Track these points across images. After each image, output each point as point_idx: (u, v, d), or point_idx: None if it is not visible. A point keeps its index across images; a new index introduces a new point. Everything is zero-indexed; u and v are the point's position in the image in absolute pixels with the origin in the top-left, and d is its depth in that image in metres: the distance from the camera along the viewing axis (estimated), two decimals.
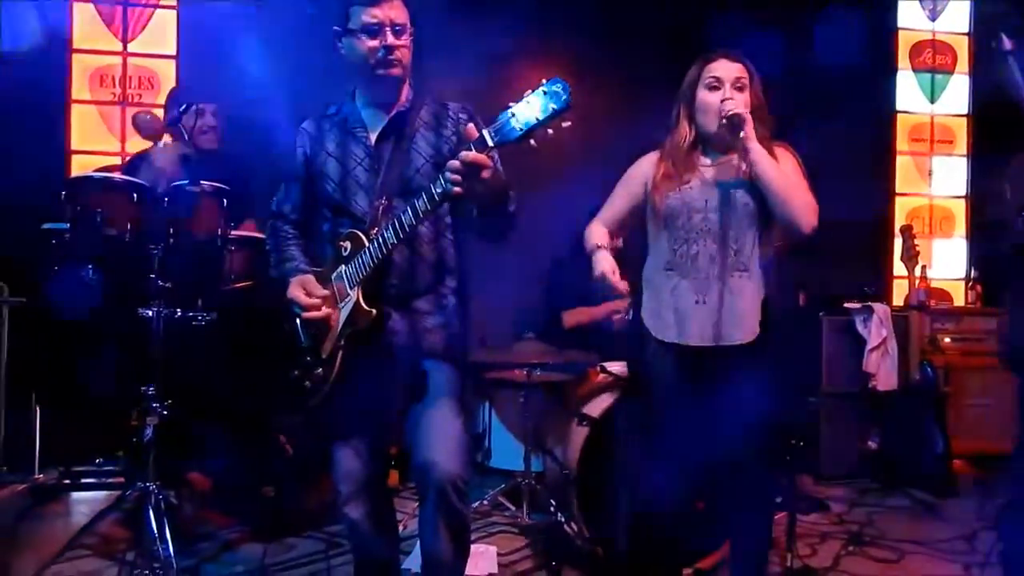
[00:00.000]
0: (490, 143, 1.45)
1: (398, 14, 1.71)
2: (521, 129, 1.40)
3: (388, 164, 1.76)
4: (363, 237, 1.70)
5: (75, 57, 3.87)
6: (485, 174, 1.47)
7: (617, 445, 2.47)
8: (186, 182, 2.33)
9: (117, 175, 2.50)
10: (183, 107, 2.38)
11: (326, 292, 1.76)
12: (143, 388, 2.41)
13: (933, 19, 4.75)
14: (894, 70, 4.73)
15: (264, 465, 3.01)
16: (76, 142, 3.87)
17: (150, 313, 2.38)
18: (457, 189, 1.47)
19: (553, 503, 2.87)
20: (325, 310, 1.74)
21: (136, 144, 3.70)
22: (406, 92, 1.83)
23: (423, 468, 1.72)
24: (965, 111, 4.79)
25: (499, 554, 2.71)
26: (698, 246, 1.98)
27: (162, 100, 3.90)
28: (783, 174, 1.94)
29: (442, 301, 1.81)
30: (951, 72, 4.77)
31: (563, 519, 2.78)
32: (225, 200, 2.44)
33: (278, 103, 3.65)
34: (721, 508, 2.17)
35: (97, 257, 2.39)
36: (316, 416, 1.86)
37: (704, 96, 2.00)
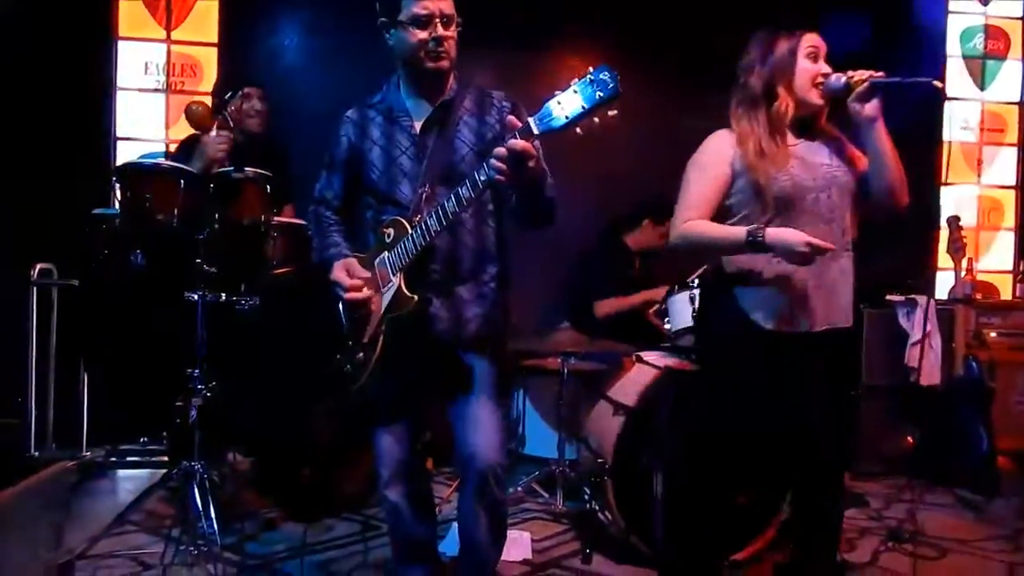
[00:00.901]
0: (535, 131, 1.45)
1: (447, 5, 1.72)
2: (567, 118, 1.40)
3: (432, 152, 1.77)
4: (406, 224, 1.72)
5: (120, 45, 3.95)
6: (530, 163, 1.47)
7: (672, 440, 2.42)
8: (231, 169, 2.37)
9: (165, 162, 2.55)
10: (229, 93, 2.41)
11: (368, 274, 1.78)
12: (188, 371, 2.48)
13: (985, 4, 4.59)
14: (944, 56, 4.59)
15: (303, 448, 3.07)
16: (122, 129, 3.96)
17: (195, 297, 2.43)
18: (500, 177, 1.47)
19: (587, 491, 2.88)
20: (367, 291, 1.77)
21: (179, 131, 3.79)
22: (451, 82, 1.84)
23: (465, 457, 1.76)
24: (1017, 99, 4.62)
25: (533, 540, 2.73)
26: (811, 229, 1.83)
27: (204, 87, 3.99)
28: (895, 150, 1.88)
29: (483, 289, 1.82)
30: (1004, 58, 4.60)
31: (597, 507, 2.78)
32: (268, 186, 2.47)
33: (319, 90, 3.70)
34: (801, 495, 2.12)
35: (145, 242, 2.45)
36: (357, 400, 1.89)
37: (805, 65, 1.87)
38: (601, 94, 1.36)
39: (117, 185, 2.41)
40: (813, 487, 2.04)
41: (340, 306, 1.86)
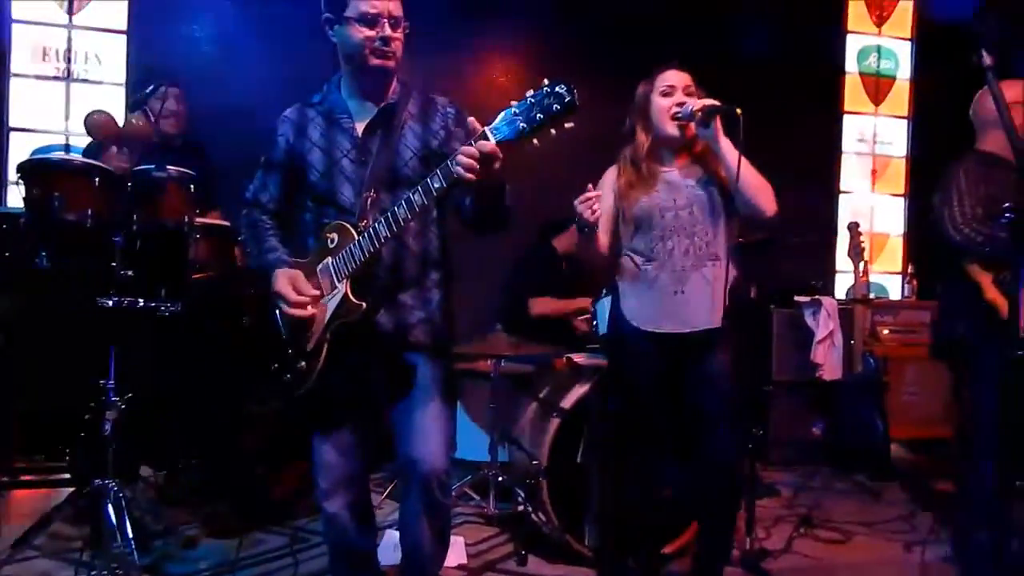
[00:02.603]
0: (491, 140, 1.45)
1: (395, 6, 1.70)
2: (524, 128, 1.41)
3: (376, 156, 1.74)
4: (352, 229, 1.68)
5: (15, 27, 3.64)
6: (496, 165, 1.47)
7: (598, 435, 2.52)
8: (151, 167, 2.24)
9: (78, 158, 2.37)
10: (150, 88, 2.27)
11: (316, 292, 1.72)
12: (101, 381, 2.32)
13: (879, 26, 4.97)
14: (842, 70, 4.93)
15: (226, 460, 2.94)
16: (15, 119, 3.65)
17: (109, 303, 2.27)
18: (470, 176, 1.46)
19: (521, 493, 2.91)
20: (311, 310, 1.71)
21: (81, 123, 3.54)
22: (394, 85, 1.81)
23: (409, 463, 1.73)
24: (906, 114, 5.03)
25: (467, 544, 2.74)
26: (672, 242, 2.13)
27: (111, 78, 3.74)
28: (746, 162, 2.08)
29: (427, 295, 1.81)
30: (894, 77, 5.00)
31: (530, 508, 2.82)
32: (192, 186, 2.35)
33: (238, 86, 3.54)
34: (694, 490, 2.26)
35: (52, 243, 2.27)
36: (295, 410, 1.83)
37: (659, 102, 2.15)
38: (558, 107, 1.38)
39: (21, 182, 2.22)
40: (703, 478, 2.18)
41: (279, 314, 1.79)
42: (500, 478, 3.03)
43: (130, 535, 2.27)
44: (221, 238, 2.61)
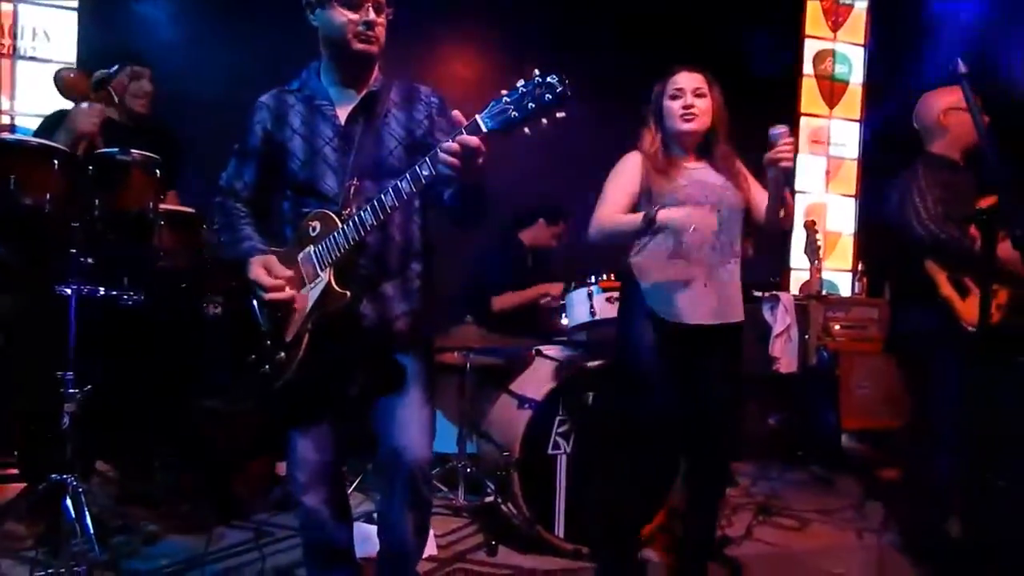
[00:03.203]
0: (483, 129, 1.44)
1: None
2: (516, 117, 1.41)
3: (359, 145, 1.71)
4: (335, 218, 1.65)
5: None
6: (480, 159, 1.46)
7: (611, 426, 2.56)
8: (116, 150, 2.15)
9: (34, 139, 2.26)
10: (116, 66, 2.17)
11: (290, 273, 1.69)
12: (59, 373, 2.22)
13: (834, 32, 5.13)
14: (798, 73, 5.08)
15: (185, 454, 2.85)
16: None
17: (68, 291, 2.18)
18: (451, 171, 1.45)
19: (490, 485, 2.92)
20: (289, 291, 1.68)
21: (29, 103, 3.38)
22: (376, 72, 1.78)
23: (393, 455, 1.72)
24: (858, 117, 5.21)
25: (436, 535, 2.73)
26: (701, 236, 2.17)
27: (61, 57, 3.57)
28: (789, 196, 2.20)
29: (409, 286, 1.79)
30: (848, 80, 5.17)
31: (500, 500, 2.83)
32: (157, 171, 2.27)
33: (198, 68, 3.43)
34: (689, 484, 2.36)
35: (7, 228, 2.16)
36: (273, 403, 1.80)
37: (669, 105, 2.24)
38: (550, 96, 1.38)
39: None
40: (703, 467, 2.31)
41: (256, 303, 1.75)
42: (469, 470, 3.03)
43: (91, 531, 2.19)
44: (187, 225, 2.52)
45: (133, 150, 2.19)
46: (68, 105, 2.24)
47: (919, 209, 2.57)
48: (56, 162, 2.11)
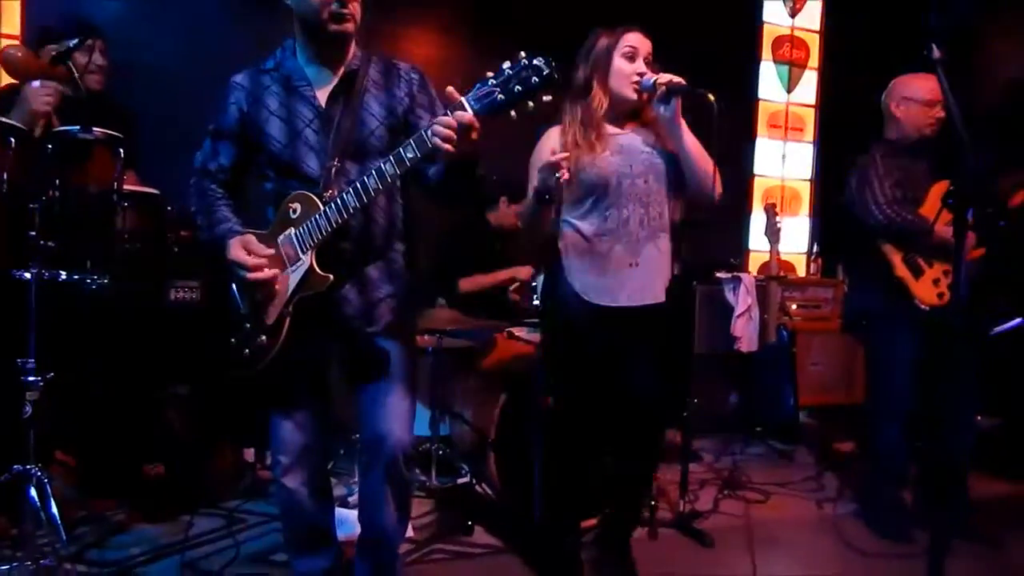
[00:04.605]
0: (469, 111, 1.44)
1: None
2: (502, 99, 1.41)
3: (339, 125, 1.69)
4: (316, 200, 1.63)
5: None
6: (474, 136, 1.46)
7: (541, 407, 2.53)
8: (77, 128, 2.06)
9: None
10: (74, 41, 2.07)
11: (271, 252, 1.67)
12: (20, 361, 2.14)
13: (792, 16, 5.23)
14: (757, 61, 5.16)
15: (151, 441, 2.79)
16: None
17: (27, 275, 2.10)
18: (448, 147, 1.44)
19: (465, 467, 2.94)
20: (270, 271, 1.65)
21: None
22: (353, 50, 1.75)
23: (376, 439, 1.73)
24: (814, 101, 5.34)
25: (412, 518, 2.73)
26: (628, 210, 2.03)
27: (4, 30, 3.39)
28: (700, 145, 2.06)
29: (393, 267, 1.78)
30: (805, 66, 5.29)
31: (475, 480, 2.85)
32: (121, 150, 2.19)
33: (149, 44, 3.30)
34: (623, 459, 2.23)
35: None
36: (254, 385, 1.77)
37: (620, 64, 2.03)
38: (536, 79, 1.39)
39: None
40: (629, 446, 2.19)
41: (235, 286, 1.72)
42: (443, 452, 3.04)
43: (58, 521, 2.12)
44: (150, 206, 2.45)
45: (95, 128, 2.11)
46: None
47: (876, 193, 2.67)
48: (12, 140, 2.02)
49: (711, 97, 1.92)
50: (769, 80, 5.22)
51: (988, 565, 2.55)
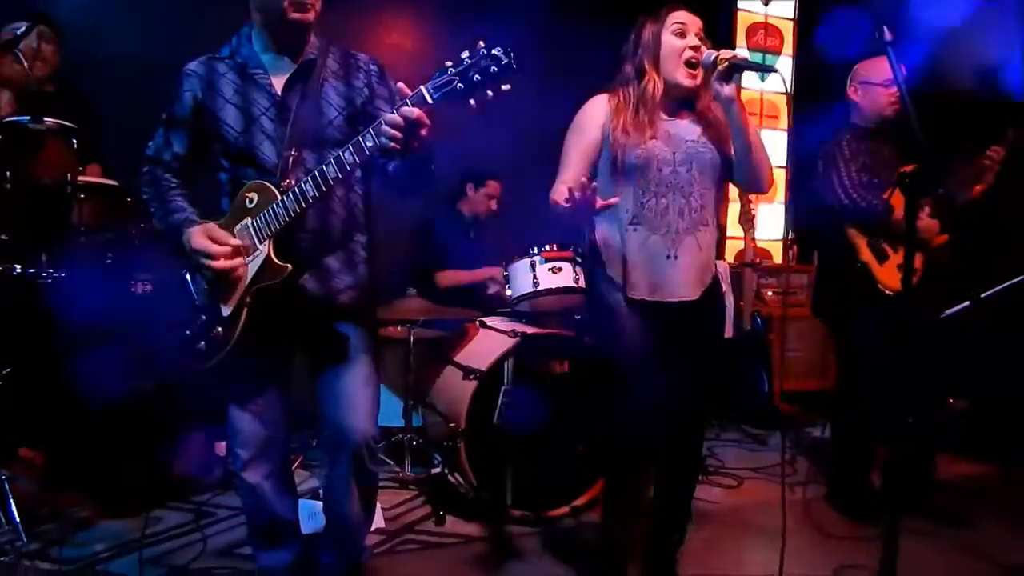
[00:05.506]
0: (429, 100, 1.41)
1: None
2: (462, 88, 1.38)
3: (297, 115, 1.65)
4: (274, 189, 1.60)
5: None
6: (424, 131, 1.43)
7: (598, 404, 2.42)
8: (27, 119, 2.01)
9: None
10: (23, 28, 2.01)
11: (236, 241, 1.63)
12: None
13: (766, 4, 5.23)
14: (732, 47, 5.15)
15: (113, 436, 2.74)
16: None
17: None
18: (394, 144, 1.42)
19: (436, 456, 2.93)
20: (237, 259, 1.62)
21: None
22: (312, 39, 1.72)
23: (339, 431, 1.71)
24: (789, 91, 5.35)
25: (383, 508, 2.73)
26: (667, 200, 1.91)
27: None
28: (758, 134, 1.95)
29: (353, 258, 1.76)
30: (779, 53, 5.29)
31: (447, 470, 2.85)
32: (75, 140, 2.13)
33: (108, 31, 3.21)
34: (664, 467, 2.14)
35: None
36: (211, 378, 1.74)
37: (671, 41, 1.91)
38: (495, 68, 1.36)
39: None
40: (677, 444, 2.09)
41: (189, 277, 1.69)
42: (415, 442, 3.03)
43: (17, 520, 2.09)
44: (109, 198, 2.39)
45: (46, 118, 2.05)
46: None
47: (842, 177, 2.69)
48: None
49: (778, 71, 1.90)
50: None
51: (949, 544, 2.59)
